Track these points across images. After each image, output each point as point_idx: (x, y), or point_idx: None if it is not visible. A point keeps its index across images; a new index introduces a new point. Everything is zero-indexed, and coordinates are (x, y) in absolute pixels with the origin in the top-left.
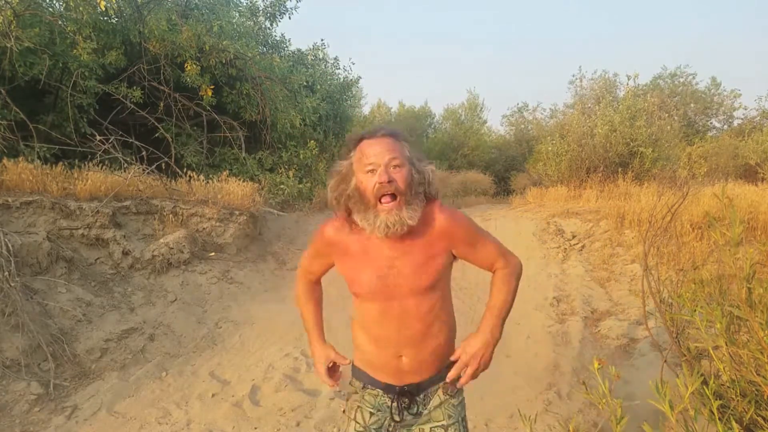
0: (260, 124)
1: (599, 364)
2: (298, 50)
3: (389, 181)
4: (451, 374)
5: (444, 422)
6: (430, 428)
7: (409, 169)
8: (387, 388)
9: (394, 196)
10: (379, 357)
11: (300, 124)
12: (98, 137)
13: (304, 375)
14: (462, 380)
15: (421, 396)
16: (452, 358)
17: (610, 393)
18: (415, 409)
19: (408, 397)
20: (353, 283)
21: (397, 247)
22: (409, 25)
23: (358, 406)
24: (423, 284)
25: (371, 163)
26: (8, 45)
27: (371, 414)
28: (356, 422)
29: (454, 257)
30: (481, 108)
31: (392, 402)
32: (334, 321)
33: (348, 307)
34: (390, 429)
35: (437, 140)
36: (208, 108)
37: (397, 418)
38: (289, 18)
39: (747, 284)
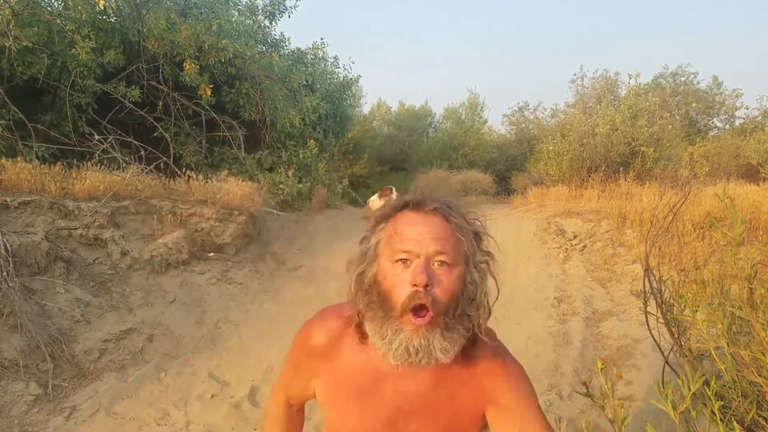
0: (259, 124)
1: (602, 365)
2: (298, 49)
3: (426, 286)
4: None
5: None
6: None
7: (462, 275)
8: None
9: (426, 309)
10: None
11: (299, 124)
12: (97, 137)
13: None
14: None
15: None
16: None
17: (612, 394)
18: None
19: None
20: None
21: (410, 394)
22: (410, 23)
23: None
24: None
25: (406, 251)
26: (6, 44)
27: None
28: None
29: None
30: (482, 107)
31: None
32: None
33: None
34: None
35: (438, 140)
36: (207, 107)
37: None
38: (289, 17)
39: (749, 285)
